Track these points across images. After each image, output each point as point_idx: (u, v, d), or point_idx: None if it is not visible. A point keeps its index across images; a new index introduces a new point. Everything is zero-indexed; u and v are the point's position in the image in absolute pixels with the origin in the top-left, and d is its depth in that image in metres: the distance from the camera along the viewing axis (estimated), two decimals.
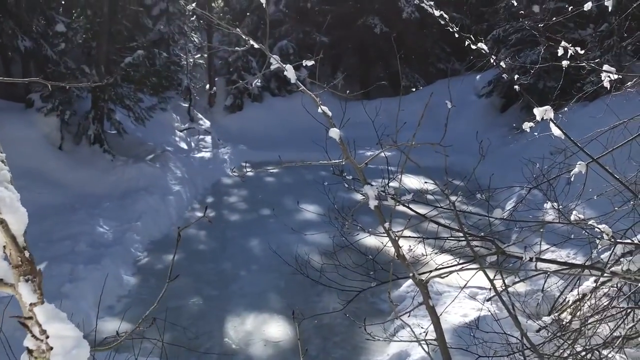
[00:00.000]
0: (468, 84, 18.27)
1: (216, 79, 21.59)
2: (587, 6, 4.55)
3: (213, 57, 21.15)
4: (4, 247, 0.84)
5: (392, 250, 2.90)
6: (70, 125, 12.52)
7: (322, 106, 2.33)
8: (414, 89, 21.02)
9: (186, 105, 19.15)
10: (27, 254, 0.85)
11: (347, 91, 3.41)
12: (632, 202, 4.49)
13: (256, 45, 2.50)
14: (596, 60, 4.22)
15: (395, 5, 22.37)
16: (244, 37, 2.57)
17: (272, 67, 2.67)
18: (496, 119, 16.90)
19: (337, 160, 2.47)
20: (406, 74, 22.53)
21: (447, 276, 2.97)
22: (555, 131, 3.58)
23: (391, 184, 3.43)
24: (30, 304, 0.82)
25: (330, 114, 2.35)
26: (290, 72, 2.50)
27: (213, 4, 25.18)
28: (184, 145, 16.12)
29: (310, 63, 2.69)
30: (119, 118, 13.26)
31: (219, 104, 21.33)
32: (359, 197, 3.18)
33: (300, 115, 7.67)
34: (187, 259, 8.85)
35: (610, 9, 4.47)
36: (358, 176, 2.61)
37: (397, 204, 2.75)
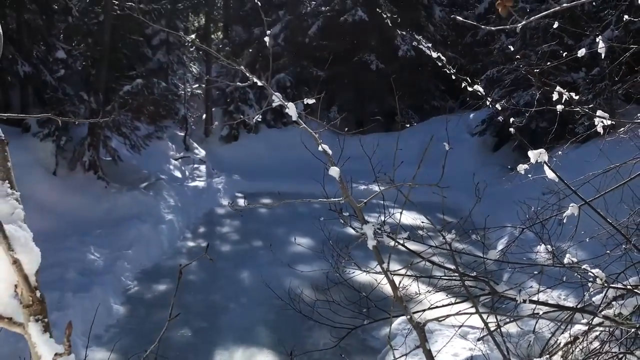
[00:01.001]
0: (461, 121, 18.48)
1: (213, 109, 21.74)
2: (581, 52, 4.66)
3: (210, 88, 21.35)
4: (16, 285, 0.85)
5: (385, 287, 2.90)
6: (66, 151, 12.52)
7: (322, 145, 2.36)
8: (408, 125, 21.24)
9: (182, 134, 19.23)
10: (38, 293, 0.86)
11: (346, 129, 3.46)
12: (624, 246, 4.53)
13: (259, 83, 2.55)
14: (590, 106, 4.31)
15: (391, 43, 22.74)
16: (247, 74, 2.62)
17: (274, 105, 2.72)
18: (489, 158, 17.04)
19: (337, 199, 2.50)
20: (401, 111, 22.77)
21: (444, 319, 2.97)
22: (549, 174, 3.64)
23: (387, 219, 3.45)
24: (56, 354, 0.82)
25: (330, 152, 2.39)
26: (292, 110, 2.55)
27: (212, 36, 25.55)
28: (178, 174, 16.13)
29: (311, 101, 2.74)
30: (114, 145, 13.29)
31: (215, 134, 21.42)
32: (353, 231, 3.20)
33: (296, 147, 7.72)
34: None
35: (603, 55, 4.58)
36: (356, 213, 2.63)
37: (395, 243, 2.77)
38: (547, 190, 5.85)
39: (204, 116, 21.39)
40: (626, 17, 3.65)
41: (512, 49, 12.06)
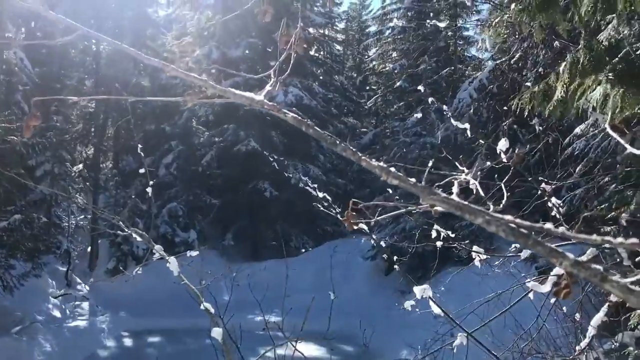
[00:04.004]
0: (354, 245, 18.91)
1: (99, 240, 20.73)
2: (455, 189, 5.05)
3: (98, 218, 20.48)
4: None
5: None
6: None
7: (204, 303, 2.28)
8: (303, 250, 21.40)
9: (64, 269, 17.96)
10: None
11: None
12: None
13: (139, 239, 2.47)
14: (466, 242, 4.60)
15: (284, 171, 23.45)
16: (125, 229, 2.53)
17: (155, 258, 2.62)
18: (381, 282, 17.38)
19: None
20: (295, 236, 23.02)
21: None
22: (435, 309, 3.77)
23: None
24: None
25: (213, 311, 2.30)
26: (173, 264, 2.47)
27: (102, 165, 25.03)
28: (57, 314, 14.81)
29: (195, 253, 2.68)
30: None
31: (100, 267, 20.24)
32: None
33: (188, 278, 7.45)
34: None
35: (475, 190, 4.97)
36: None
37: None
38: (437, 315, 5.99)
39: (89, 249, 20.28)
40: (488, 163, 4.05)
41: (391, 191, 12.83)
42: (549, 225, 0.74)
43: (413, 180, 0.91)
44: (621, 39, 4.58)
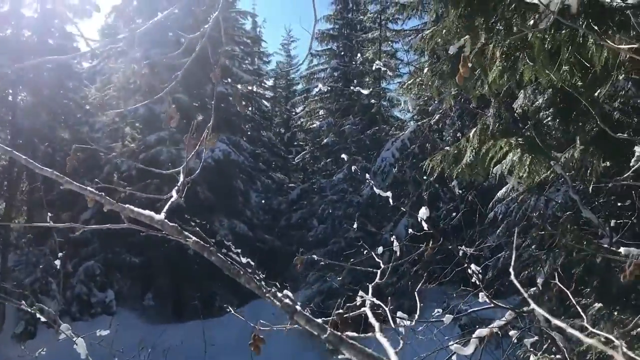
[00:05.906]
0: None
1: (6, 303, 19.26)
2: (379, 250, 5.14)
3: (7, 278, 19.11)
4: None
5: None
6: None
7: None
8: (229, 310, 20.77)
9: None
10: None
11: (158, 315, 3.21)
12: None
13: (43, 319, 2.27)
14: (390, 307, 4.62)
15: (210, 227, 22.99)
16: (28, 307, 2.34)
17: (61, 338, 2.43)
18: (308, 341, 17.06)
19: None
20: (220, 295, 22.40)
21: None
22: None
23: None
24: None
25: None
26: (80, 346, 2.28)
27: (15, 220, 23.59)
28: None
29: (105, 332, 2.50)
30: None
31: (7, 331, 18.74)
32: None
33: (107, 340, 6.96)
34: None
35: (398, 253, 5.07)
36: None
37: None
38: None
39: None
40: (410, 231, 4.10)
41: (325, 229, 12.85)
42: None
43: (319, 321, 0.87)
44: (535, 108, 4.87)
